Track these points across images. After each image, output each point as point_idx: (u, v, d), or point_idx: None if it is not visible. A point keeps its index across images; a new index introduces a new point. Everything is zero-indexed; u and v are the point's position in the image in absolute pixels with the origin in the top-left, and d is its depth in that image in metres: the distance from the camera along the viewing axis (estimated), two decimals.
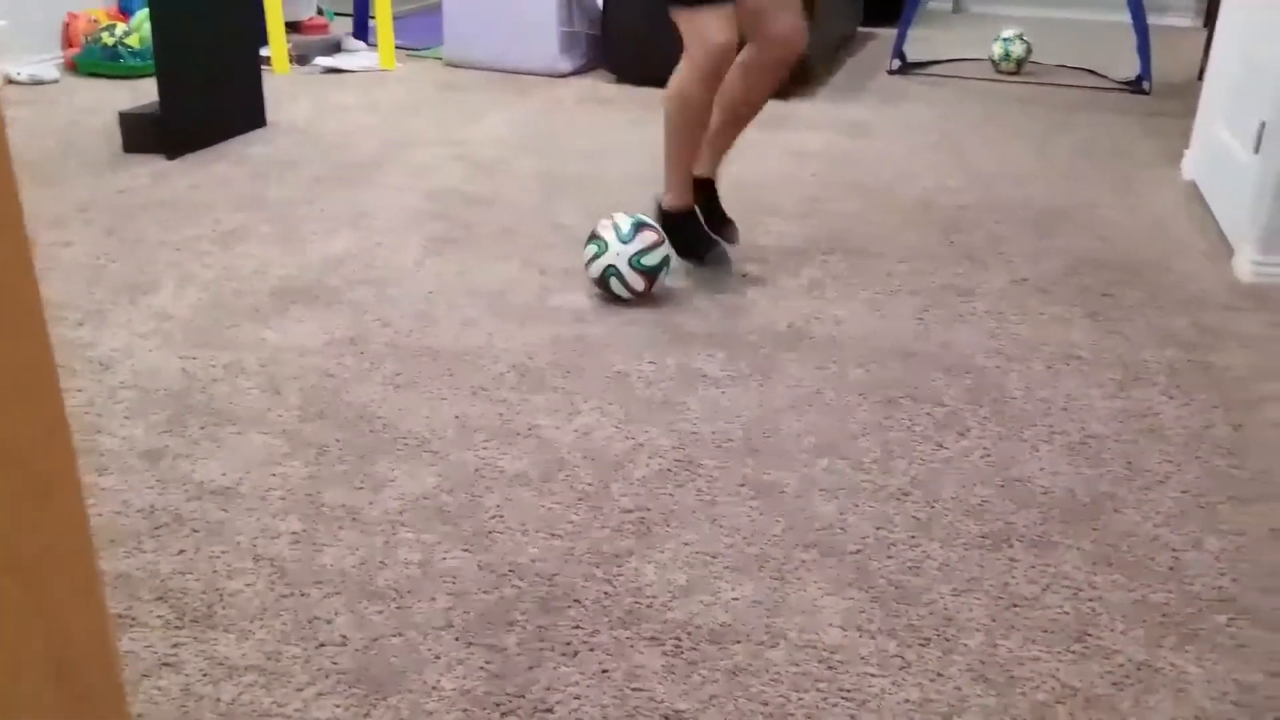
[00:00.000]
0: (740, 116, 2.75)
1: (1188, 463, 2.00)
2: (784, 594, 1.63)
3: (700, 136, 2.67)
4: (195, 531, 1.75)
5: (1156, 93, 5.04)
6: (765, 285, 2.74)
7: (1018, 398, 2.22)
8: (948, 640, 1.54)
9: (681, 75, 2.55)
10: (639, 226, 2.57)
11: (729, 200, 2.90)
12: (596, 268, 2.57)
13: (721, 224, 2.88)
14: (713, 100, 2.58)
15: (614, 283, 2.56)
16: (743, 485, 1.89)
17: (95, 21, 5.04)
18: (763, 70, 2.64)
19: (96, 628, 0.94)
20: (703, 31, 2.46)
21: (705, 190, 2.85)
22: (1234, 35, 3.43)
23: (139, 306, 2.54)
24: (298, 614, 1.57)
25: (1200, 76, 4.58)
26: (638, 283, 2.55)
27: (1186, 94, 4.90)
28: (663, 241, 2.59)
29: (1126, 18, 5.07)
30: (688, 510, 1.82)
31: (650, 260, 2.55)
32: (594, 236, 2.59)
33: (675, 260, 2.68)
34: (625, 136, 4.07)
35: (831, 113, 4.54)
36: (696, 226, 2.78)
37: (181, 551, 1.70)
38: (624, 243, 2.54)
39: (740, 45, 2.55)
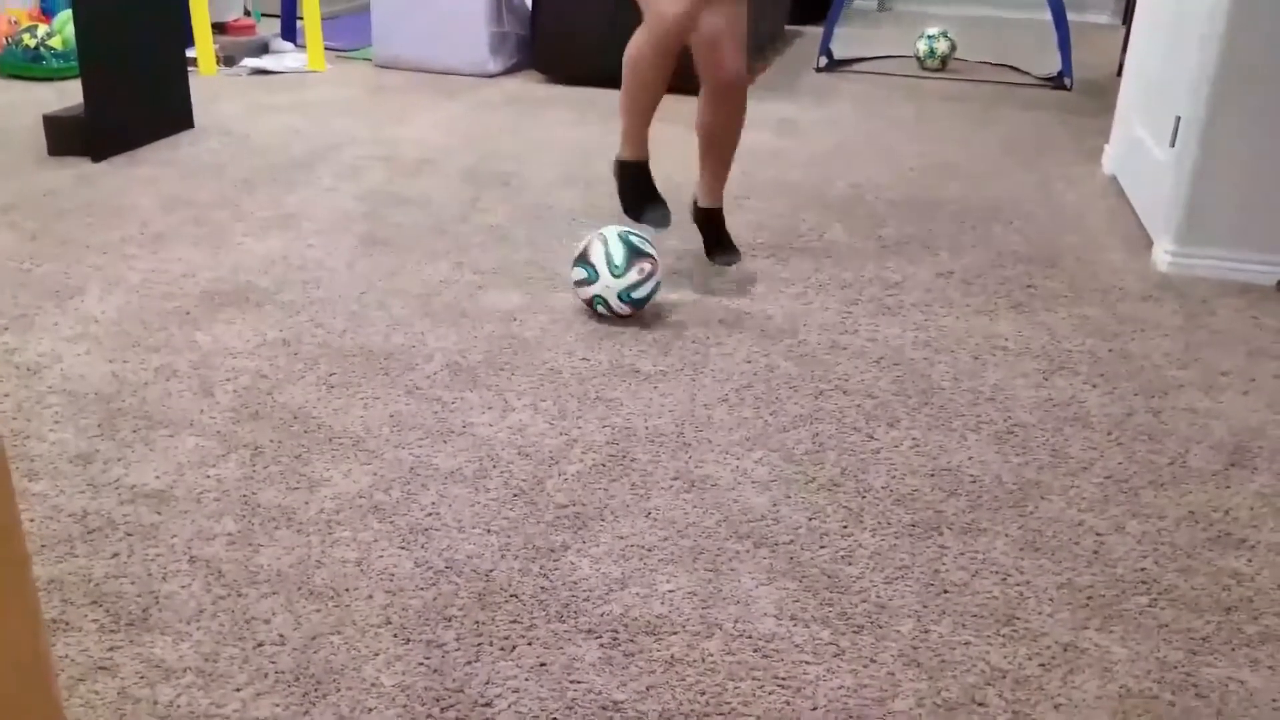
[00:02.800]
0: (714, 141, 2.78)
1: (1110, 449, 2.06)
2: (719, 585, 1.65)
3: (649, 100, 2.70)
4: (129, 535, 1.73)
5: (1077, 89, 5.17)
6: (695, 281, 2.77)
7: (945, 388, 2.27)
8: (880, 627, 1.58)
9: (637, 38, 2.63)
10: (632, 257, 2.47)
11: (664, 193, 2.91)
12: (585, 292, 2.52)
13: (725, 250, 2.84)
14: (665, 69, 2.63)
15: (600, 307, 2.53)
16: (676, 479, 1.92)
17: (15, 23, 4.93)
18: (714, 100, 2.70)
19: (30, 633, 0.93)
20: (658, 4, 2.53)
21: (711, 220, 2.87)
22: (1150, 33, 3.53)
23: (65, 311, 2.50)
24: (235, 615, 1.56)
25: (1119, 73, 4.70)
26: (624, 310, 2.51)
27: (1106, 90, 5.04)
28: (655, 271, 2.51)
29: (1047, 15, 5.19)
30: (622, 504, 1.84)
31: (640, 294, 2.50)
32: (584, 259, 2.50)
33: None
34: (554, 136, 4.08)
35: (760, 110, 4.58)
36: (644, 182, 2.81)
37: (115, 555, 1.68)
38: (615, 276, 2.47)
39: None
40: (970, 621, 1.59)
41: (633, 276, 2.47)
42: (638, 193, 2.81)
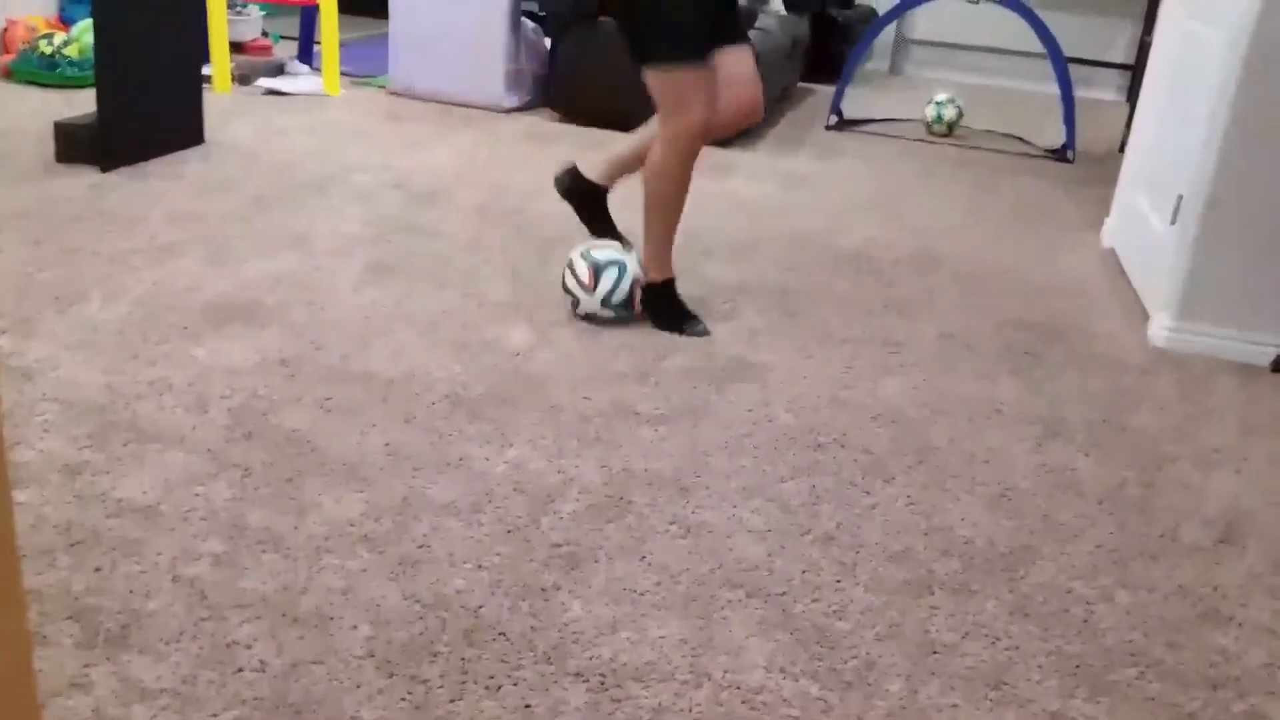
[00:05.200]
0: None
1: (1102, 519, 2.06)
2: (710, 634, 1.64)
3: (679, 213, 2.69)
4: (112, 549, 1.71)
5: (1080, 161, 5.23)
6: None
7: (942, 448, 2.27)
8: (869, 685, 1.56)
9: (662, 155, 2.57)
10: (597, 270, 2.67)
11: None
12: (579, 312, 2.73)
13: (610, 229, 2.96)
14: (691, 173, 2.62)
15: (593, 320, 2.72)
16: (672, 524, 1.91)
17: (34, 29, 4.96)
18: (714, 129, 2.68)
19: (17, 642, 0.92)
20: (682, 101, 2.49)
21: (598, 197, 2.93)
22: (1154, 112, 3.57)
23: (66, 317, 2.49)
24: (216, 637, 1.54)
25: (1122, 149, 4.75)
26: (617, 316, 2.72)
27: (1107, 164, 5.09)
28: (622, 268, 2.67)
29: (1054, 89, 5.25)
30: (616, 547, 1.83)
31: (618, 298, 2.69)
32: (565, 289, 2.72)
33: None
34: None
35: (771, 164, 4.62)
36: (675, 299, 2.76)
37: (98, 570, 1.66)
38: (589, 294, 2.69)
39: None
40: (959, 684, 1.58)
41: (606, 285, 2.66)
42: (674, 310, 2.76)
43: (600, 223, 2.97)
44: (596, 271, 2.66)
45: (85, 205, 3.26)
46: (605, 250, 2.72)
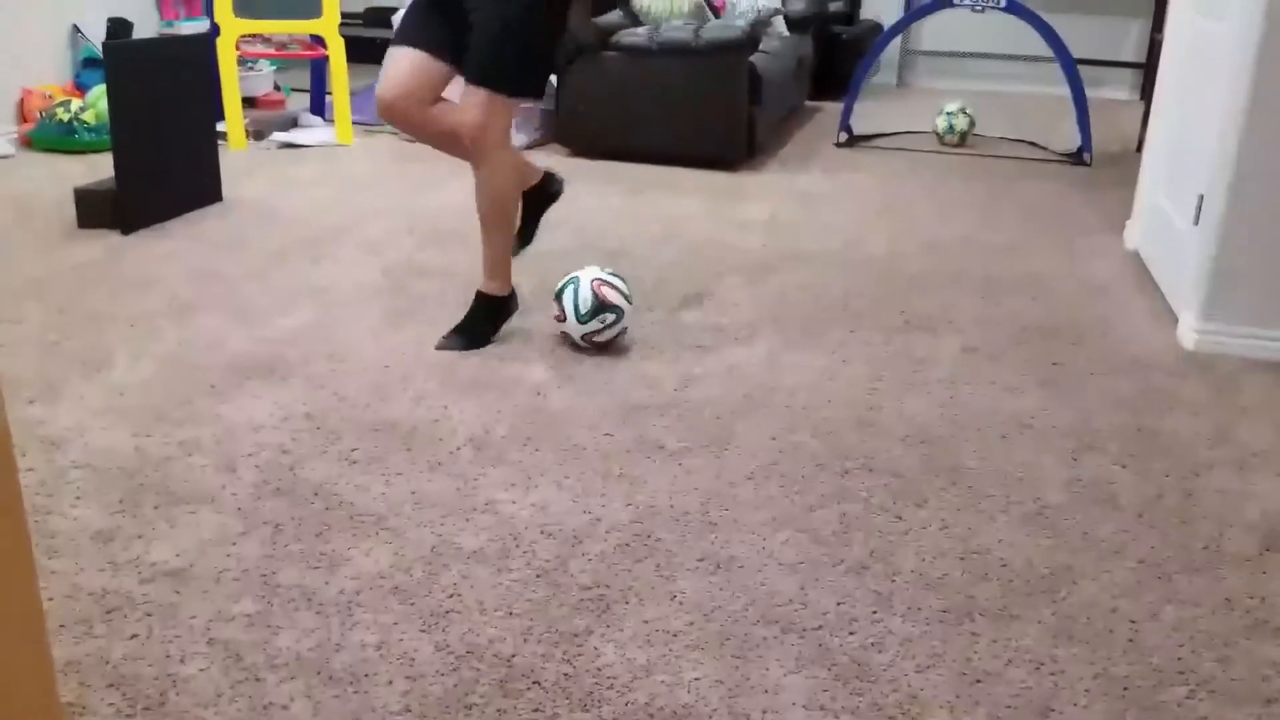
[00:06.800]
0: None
1: (1142, 532, 2.02)
2: (746, 673, 1.62)
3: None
4: (148, 615, 1.71)
5: (1097, 164, 5.19)
6: (719, 355, 2.76)
7: (973, 467, 2.24)
8: (912, 718, 1.54)
9: (502, 177, 2.69)
10: (598, 309, 2.69)
11: (683, 269, 2.93)
12: (557, 325, 2.77)
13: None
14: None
15: (569, 341, 2.79)
16: (702, 560, 1.89)
17: (50, 97, 5.03)
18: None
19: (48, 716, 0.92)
20: (506, 123, 2.63)
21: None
22: (1170, 110, 3.54)
23: (92, 383, 2.51)
24: (253, 699, 1.54)
25: (1139, 148, 4.71)
26: (586, 346, 2.77)
27: (1125, 164, 5.05)
28: (619, 320, 2.73)
29: (1066, 91, 5.23)
30: (647, 586, 1.81)
31: (600, 339, 2.74)
32: (559, 297, 2.73)
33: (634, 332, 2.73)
34: (576, 207, 4.11)
35: (781, 184, 4.61)
36: (506, 316, 2.86)
37: (134, 636, 1.66)
38: (580, 322, 2.71)
39: None
40: (1005, 713, 1.55)
41: (594, 325, 2.71)
42: (498, 325, 2.84)
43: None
44: (560, 301, 2.72)
45: (106, 269, 3.29)
46: (617, 292, 2.74)
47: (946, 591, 1.82)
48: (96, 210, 3.64)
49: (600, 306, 2.69)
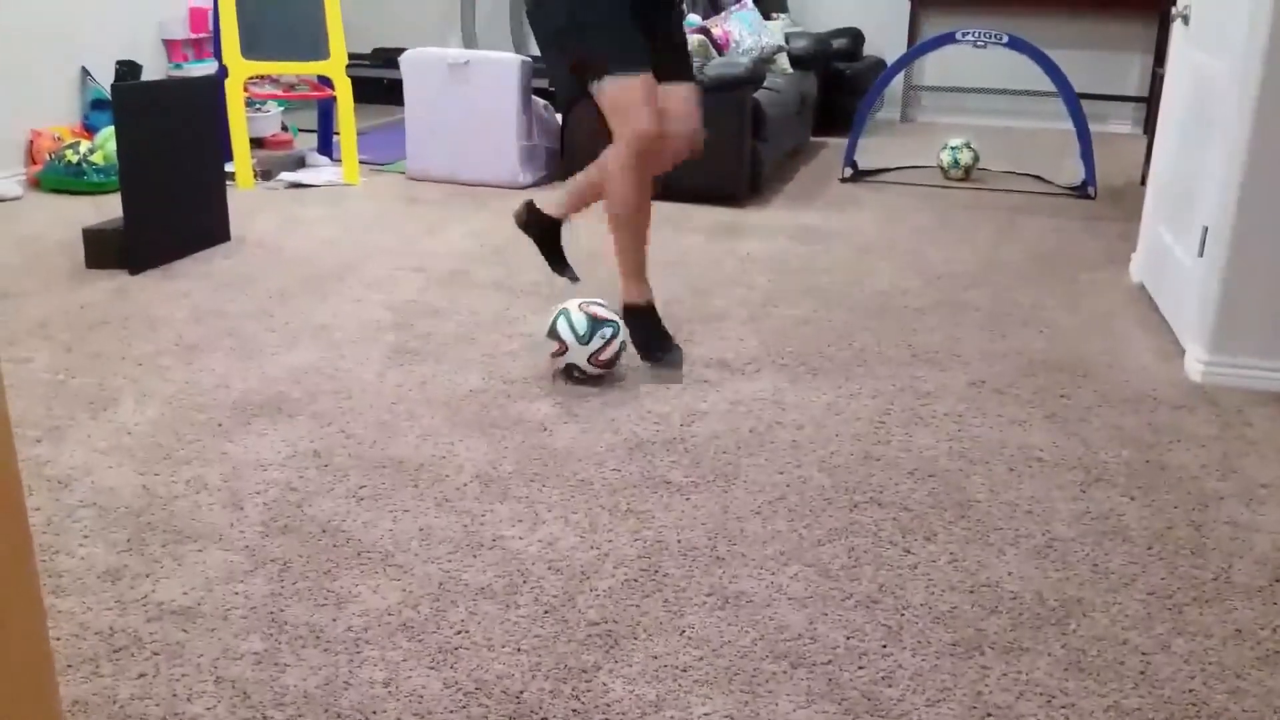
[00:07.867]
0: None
1: (1152, 564, 2.01)
2: (755, 708, 1.61)
3: (645, 232, 2.82)
4: (155, 654, 1.70)
5: (1101, 197, 5.20)
6: (725, 390, 2.77)
7: (982, 501, 2.23)
8: None
9: (617, 174, 2.70)
10: (594, 326, 2.72)
11: (686, 305, 2.94)
12: (558, 363, 2.78)
13: (563, 264, 3.16)
14: (649, 183, 2.75)
15: (576, 374, 2.78)
16: (710, 595, 1.88)
17: (59, 139, 5.08)
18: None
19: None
20: (631, 110, 2.63)
21: (554, 229, 3.13)
22: (1172, 144, 3.56)
23: (99, 422, 2.51)
24: None
25: (1143, 182, 4.73)
26: (594, 372, 2.77)
27: (1129, 198, 5.07)
28: (617, 334, 2.75)
29: (1069, 125, 5.25)
30: (655, 622, 1.80)
31: (606, 356, 2.75)
32: (554, 334, 2.75)
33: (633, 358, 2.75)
34: (582, 246, 4.12)
35: (786, 219, 4.63)
36: (655, 322, 2.85)
37: (141, 675, 1.66)
38: (582, 344, 2.72)
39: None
40: None
41: (596, 343, 2.72)
42: (653, 333, 2.87)
43: (555, 254, 3.19)
44: (592, 327, 2.72)
45: (113, 309, 3.31)
46: (604, 309, 2.77)
47: (956, 625, 1.81)
48: (104, 250, 3.66)
49: (596, 323, 2.72)
